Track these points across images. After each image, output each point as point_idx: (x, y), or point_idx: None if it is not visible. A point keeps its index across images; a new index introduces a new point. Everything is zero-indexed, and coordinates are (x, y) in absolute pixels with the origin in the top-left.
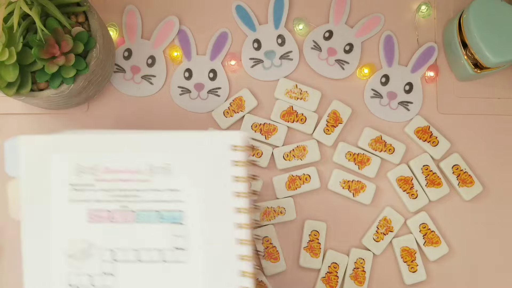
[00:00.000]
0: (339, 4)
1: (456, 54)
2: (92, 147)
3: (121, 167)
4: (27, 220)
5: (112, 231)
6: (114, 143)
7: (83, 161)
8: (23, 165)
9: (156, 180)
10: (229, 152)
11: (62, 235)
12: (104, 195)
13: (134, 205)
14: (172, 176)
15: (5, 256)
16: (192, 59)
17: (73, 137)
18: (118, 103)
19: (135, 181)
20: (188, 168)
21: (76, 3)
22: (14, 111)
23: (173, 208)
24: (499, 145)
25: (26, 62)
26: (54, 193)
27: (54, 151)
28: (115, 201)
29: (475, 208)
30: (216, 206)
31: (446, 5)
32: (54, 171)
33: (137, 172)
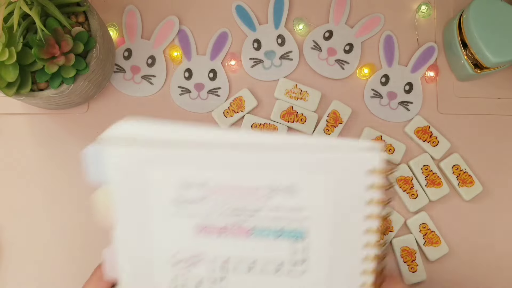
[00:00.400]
0: (339, 4)
1: (456, 54)
2: (201, 163)
3: (236, 185)
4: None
5: (224, 245)
6: (228, 160)
7: (191, 176)
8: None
9: (278, 199)
10: (364, 176)
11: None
12: (215, 211)
13: (251, 222)
14: (296, 196)
15: (5, 256)
16: (192, 59)
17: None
18: (118, 103)
19: (254, 199)
20: (315, 189)
21: (76, 3)
22: (14, 111)
23: (295, 226)
24: (499, 145)
25: (26, 62)
26: (154, 207)
27: (155, 163)
28: (229, 217)
29: (475, 208)
30: (345, 227)
31: (446, 5)
32: (155, 185)
33: (256, 189)
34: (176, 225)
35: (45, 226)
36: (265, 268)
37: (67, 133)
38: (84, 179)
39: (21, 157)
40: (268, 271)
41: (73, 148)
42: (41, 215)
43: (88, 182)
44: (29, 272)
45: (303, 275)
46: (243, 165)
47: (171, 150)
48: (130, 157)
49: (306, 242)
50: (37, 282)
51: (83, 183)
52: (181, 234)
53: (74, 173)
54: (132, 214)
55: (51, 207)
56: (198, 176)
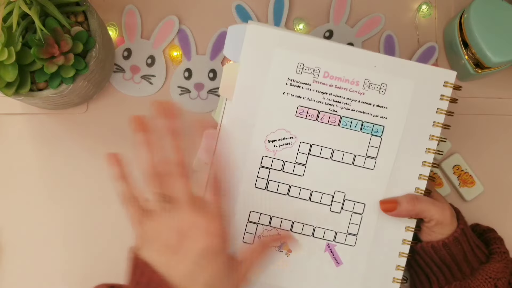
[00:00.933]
0: (339, 4)
1: (456, 54)
2: (318, 51)
3: (341, 76)
4: (237, 102)
5: (316, 128)
6: (340, 52)
7: (307, 61)
8: (246, 52)
9: (369, 95)
10: (440, 86)
11: (268, 121)
12: (317, 96)
13: (343, 111)
14: (384, 95)
15: (5, 256)
16: (192, 59)
17: (301, 37)
18: (117, 103)
19: (350, 91)
20: (401, 91)
21: (75, 3)
22: (14, 111)
23: (377, 122)
24: (500, 145)
25: (25, 62)
26: (270, 83)
27: (281, 45)
28: (326, 104)
29: (476, 209)
30: (414, 129)
31: (446, 5)
32: (276, 63)
33: (355, 83)
34: (283, 103)
35: (45, 226)
36: (344, 157)
37: (67, 133)
38: (84, 179)
39: (20, 157)
40: (346, 160)
41: (73, 148)
42: (41, 215)
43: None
44: (29, 272)
45: (372, 169)
46: (351, 60)
47: (297, 36)
48: (264, 36)
49: (381, 139)
50: (37, 282)
51: (83, 183)
52: (285, 112)
53: (74, 172)
54: (249, 88)
55: (50, 207)
56: (313, 62)
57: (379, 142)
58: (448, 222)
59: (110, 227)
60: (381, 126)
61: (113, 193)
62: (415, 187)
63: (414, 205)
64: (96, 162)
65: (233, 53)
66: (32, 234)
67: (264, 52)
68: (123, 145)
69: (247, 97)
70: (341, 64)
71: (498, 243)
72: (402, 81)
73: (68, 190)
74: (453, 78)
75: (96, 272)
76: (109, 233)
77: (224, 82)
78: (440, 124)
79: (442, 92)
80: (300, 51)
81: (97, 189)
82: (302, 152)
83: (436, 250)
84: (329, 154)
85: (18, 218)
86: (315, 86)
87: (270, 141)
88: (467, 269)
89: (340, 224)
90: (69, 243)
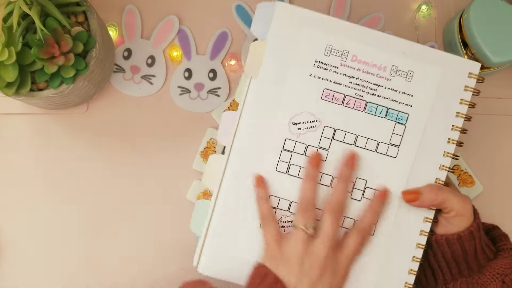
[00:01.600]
0: (339, 4)
1: (456, 54)
2: (347, 33)
3: (369, 60)
4: (262, 80)
5: (341, 113)
6: (369, 36)
7: (335, 43)
8: (274, 30)
9: (396, 81)
10: (465, 77)
11: (293, 103)
12: (344, 80)
13: (368, 97)
14: (411, 82)
15: (5, 256)
16: (192, 59)
17: (331, 18)
18: (117, 103)
19: (377, 77)
20: (427, 79)
21: (75, 3)
22: (14, 111)
23: (401, 109)
24: (500, 145)
25: (25, 62)
26: (298, 63)
27: (310, 25)
28: (352, 88)
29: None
30: (438, 119)
31: (446, 5)
32: (304, 44)
33: (382, 69)
34: (310, 85)
35: (45, 226)
36: (368, 143)
37: (67, 133)
38: (84, 179)
39: (20, 156)
40: (369, 146)
41: (73, 148)
42: (41, 215)
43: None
44: (29, 272)
45: (395, 157)
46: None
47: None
48: (293, 14)
49: (405, 126)
50: (37, 282)
51: (83, 183)
52: (311, 94)
53: (74, 172)
54: (276, 67)
55: (50, 207)
56: (341, 44)
57: (403, 130)
58: (468, 215)
59: (110, 227)
60: (405, 114)
61: (113, 193)
62: (436, 178)
63: (437, 194)
64: (96, 162)
65: (261, 31)
66: (32, 234)
67: (293, 32)
68: (123, 145)
69: (273, 76)
70: (370, 48)
71: (504, 239)
72: (429, 69)
73: (68, 190)
74: (477, 69)
75: (96, 272)
76: (109, 233)
77: (251, 60)
78: (463, 115)
79: (466, 83)
80: (329, 33)
81: (97, 189)
82: (326, 136)
83: (450, 243)
84: (353, 140)
85: (18, 218)
86: (342, 69)
87: (294, 124)
88: (475, 266)
89: (360, 212)
90: (69, 243)
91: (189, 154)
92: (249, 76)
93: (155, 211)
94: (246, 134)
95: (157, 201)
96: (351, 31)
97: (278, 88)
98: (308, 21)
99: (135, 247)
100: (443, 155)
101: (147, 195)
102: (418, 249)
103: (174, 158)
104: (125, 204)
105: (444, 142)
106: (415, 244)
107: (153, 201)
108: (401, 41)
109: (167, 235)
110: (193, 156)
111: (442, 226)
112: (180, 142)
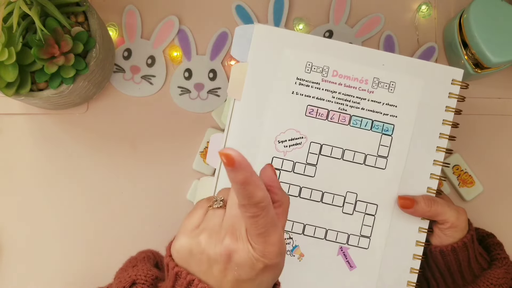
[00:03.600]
0: (339, 4)
1: (456, 54)
2: (326, 50)
3: (350, 74)
4: (245, 101)
5: (326, 128)
6: (348, 51)
7: (315, 60)
8: (254, 52)
9: (378, 93)
10: (448, 84)
11: (277, 121)
12: (327, 95)
13: (352, 110)
14: (393, 93)
15: (5, 256)
16: (192, 59)
17: (309, 36)
18: (117, 103)
19: (359, 90)
20: (410, 89)
21: (75, 3)
22: (14, 111)
23: (387, 120)
24: (500, 145)
25: (25, 62)
26: (279, 82)
27: (289, 44)
28: (335, 103)
29: (475, 209)
30: (424, 127)
31: (446, 5)
32: (284, 62)
33: (364, 82)
34: (292, 102)
35: (44, 226)
36: (355, 156)
37: (67, 133)
38: (84, 179)
39: (20, 157)
40: (357, 159)
41: (73, 148)
42: (41, 215)
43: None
44: (29, 272)
45: (384, 169)
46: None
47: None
48: (271, 35)
49: (392, 137)
50: (37, 282)
51: (83, 183)
52: (294, 112)
53: (74, 172)
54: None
55: (50, 207)
56: (321, 61)
57: (390, 141)
58: (463, 227)
59: (110, 226)
60: (391, 125)
61: (113, 192)
62: (427, 187)
63: (430, 207)
64: (96, 162)
65: (241, 54)
66: (32, 234)
67: (272, 52)
68: (123, 145)
69: (256, 97)
70: (350, 63)
71: (498, 248)
72: (411, 79)
73: (68, 190)
74: (460, 76)
75: (96, 272)
76: (109, 233)
77: (233, 83)
78: (450, 122)
79: (450, 90)
80: (308, 51)
81: (97, 189)
82: (313, 152)
83: (444, 255)
84: (340, 154)
85: (18, 218)
86: (324, 85)
87: (280, 142)
88: (469, 276)
89: (353, 226)
90: (69, 243)
91: (189, 154)
92: (232, 98)
93: (155, 211)
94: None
95: (157, 201)
96: (330, 47)
97: (262, 108)
98: (287, 40)
99: (135, 247)
100: (432, 163)
101: (147, 195)
102: (415, 260)
103: (174, 158)
104: (125, 204)
105: (432, 150)
106: (411, 255)
107: (153, 201)
108: (381, 53)
109: (167, 235)
110: (193, 156)
111: (436, 237)
112: (180, 142)
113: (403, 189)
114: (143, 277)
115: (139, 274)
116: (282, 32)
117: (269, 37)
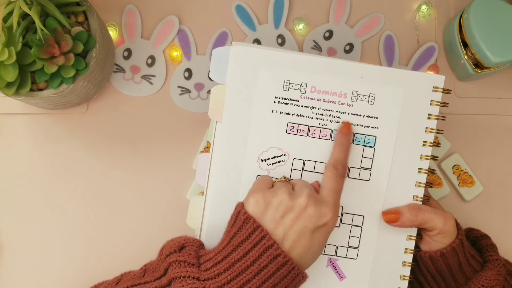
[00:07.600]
0: (339, 4)
1: (456, 54)
2: (303, 66)
3: (328, 89)
4: (226, 122)
5: (307, 144)
6: (325, 65)
7: (293, 77)
8: (231, 73)
9: (358, 106)
10: (429, 92)
11: (259, 140)
12: (306, 111)
13: (333, 125)
14: (373, 105)
15: (5, 256)
16: (192, 59)
17: (285, 54)
18: (117, 103)
19: (338, 104)
20: (390, 100)
21: (75, 3)
22: (14, 111)
23: (368, 132)
24: (500, 145)
25: (25, 62)
26: (259, 102)
27: (266, 63)
28: (315, 119)
29: (475, 208)
30: (407, 137)
31: (446, 5)
32: (262, 82)
33: (343, 96)
34: (273, 121)
35: (44, 226)
36: None
37: (67, 133)
38: (84, 179)
39: (20, 157)
40: None
41: (73, 148)
42: (41, 215)
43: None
44: (29, 272)
45: (368, 180)
46: (337, 73)
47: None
48: (248, 55)
49: (374, 149)
50: (37, 282)
51: (83, 183)
52: (275, 130)
53: (74, 172)
54: (238, 109)
55: (50, 207)
56: (299, 78)
57: (373, 153)
58: (451, 232)
59: (110, 226)
60: (373, 137)
61: (113, 192)
62: (413, 195)
63: (417, 216)
64: (96, 162)
65: (219, 76)
66: (32, 234)
67: (250, 72)
68: (123, 145)
69: (237, 118)
70: (327, 78)
71: (491, 250)
72: (390, 89)
73: (68, 189)
74: (441, 82)
75: (96, 272)
76: (109, 233)
77: (213, 105)
78: (433, 129)
79: (431, 98)
80: (285, 68)
81: (97, 189)
82: (296, 168)
83: (433, 260)
84: (323, 168)
85: (18, 218)
86: (303, 101)
87: (263, 160)
88: (461, 279)
89: (340, 238)
90: (69, 243)
91: (189, 154)
92: (214, 120)
93: (155, 211)
94: (219, 174)
95: (157, 201)
96: (306, 64)
97: (243, 128)
98: (264, 59)
99: (134, 247)
100: (417, 171)
101: (147, 195)
102: (405, 267)
103: (174, 158)
104: (125, 203)
105: (417, 158)
106: (401, 263)
107: (153, 201)
108: (358, 65)
109: (167, 235)
110: (193, 156)
111: (426, 243)
112: (180, 142)
113: (389, 199)
114: (191, 241)
115: (188, 239)
116: (258, 52)
117: (245, 58)
